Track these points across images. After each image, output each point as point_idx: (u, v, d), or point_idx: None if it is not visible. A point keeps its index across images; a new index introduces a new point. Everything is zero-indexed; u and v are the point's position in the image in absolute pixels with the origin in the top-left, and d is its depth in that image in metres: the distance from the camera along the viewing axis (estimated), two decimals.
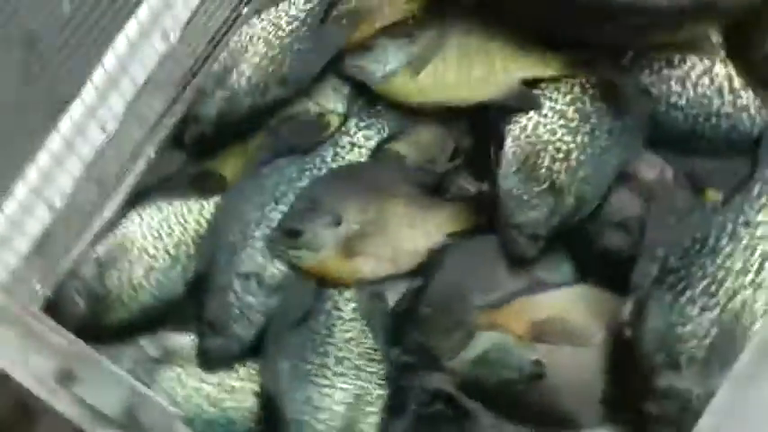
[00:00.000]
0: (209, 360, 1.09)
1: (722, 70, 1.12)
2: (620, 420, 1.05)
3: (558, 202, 1.08)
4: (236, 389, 1.09)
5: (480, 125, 1.15)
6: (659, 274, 1.00)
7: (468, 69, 1.11)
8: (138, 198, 1.15)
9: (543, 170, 1.08)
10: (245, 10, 1.18)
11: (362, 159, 1.15)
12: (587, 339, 1.06)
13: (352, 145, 1.16)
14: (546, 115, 1.10)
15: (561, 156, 1.09)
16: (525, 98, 1.10)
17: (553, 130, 1.10)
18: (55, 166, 0.98)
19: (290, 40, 1.16)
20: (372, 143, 1.15)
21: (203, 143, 1.17)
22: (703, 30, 1.11)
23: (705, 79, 1.11)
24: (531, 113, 1.10)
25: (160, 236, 1.13)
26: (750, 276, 1.00)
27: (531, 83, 1.11)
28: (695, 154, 1.12)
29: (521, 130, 1.10)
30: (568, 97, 1.11)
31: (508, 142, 1.10)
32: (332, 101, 1.17)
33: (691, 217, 1.03)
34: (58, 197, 1.01)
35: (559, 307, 1.07)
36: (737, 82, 1.12)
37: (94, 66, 0.98)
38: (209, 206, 1.14)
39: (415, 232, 1.11)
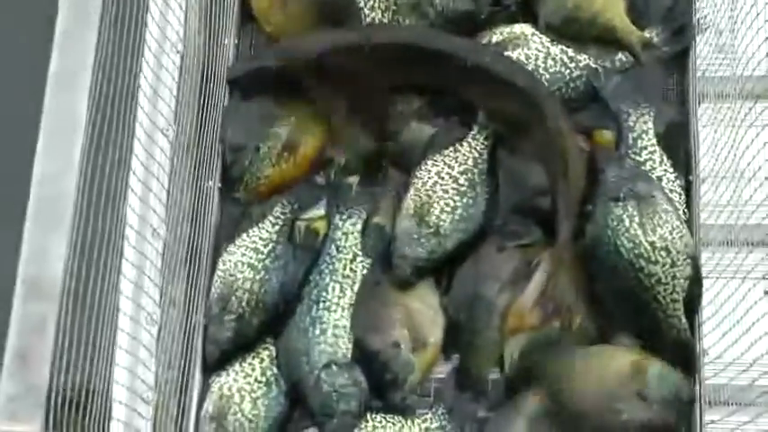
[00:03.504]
0: None
1: (556, 49, 1.56)
2: None
3: (439, 243, 1.52)
4: None
5: None
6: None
7: None
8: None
9: (432, 217, 1.51)
10: None
11: (357, 243, 1.51)
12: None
13: (345, 234, 1.51)
14: (445, 177, 1.53)
15: (449, 207, 1.52)
16: None
17: (446, 189, 1.52)
18: None
19: (270, 259, 1.50)
20: (359, 226, 1.52)
21: (224, 360, 1.51)
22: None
23: (549, 62, 1.56)
24: (433, 174, 1.52)
25: (247, 373, 1.46)
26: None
27: None
28: (575, 112, 1.55)
29: (422, 184, 1.52)
30: (463, 168, 1.53)
31: (411, 192, 1.53)
32: (311, 210, 1.53)
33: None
34: None
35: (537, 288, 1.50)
36: (571, 51, 1.56)
37: None
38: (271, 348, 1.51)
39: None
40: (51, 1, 1.32)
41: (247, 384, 1.49)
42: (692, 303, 1.49)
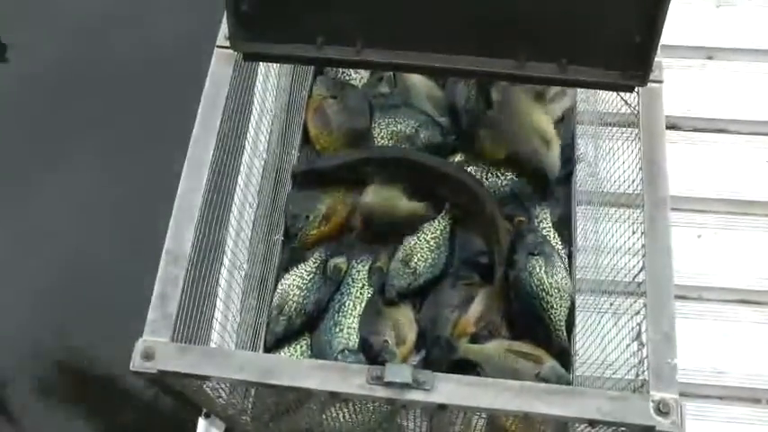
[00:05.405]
0: None
1: (493, 169, 2.37)
2: None
3: (414, 279, 2.21)
4: None
5: None
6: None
7: None
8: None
9: (413, 263, 2.26)
10: None
11: (365, 277, 2.29)
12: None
13: (358, 271, 2.29)
14: (422, 240, 2.29)
15: (423, 258, 2.26)
16: None
17: (422, 247, 2.28)
18: None
19: (311, 284, 2.24)
20: (367, 267, 2.30)
21: (277, 345, 2.21)
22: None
23: (489, 175, 2.36)
24: (415, 238, 2.28)
25: (291, 354, 2.20)
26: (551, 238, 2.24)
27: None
28: (504, 206, 2.32)
29: (407, 243, 2.29)
30: (433, 235, 2.29)
31: (401, 248, 2.28)
32: (337, 258, 2.32)
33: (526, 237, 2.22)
34: None
35: (477, 311, 2.21)
36: (502, 170, 2.37)
37: None
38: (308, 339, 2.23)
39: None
40: None
41: None
42: (570, 323, 2.12)
